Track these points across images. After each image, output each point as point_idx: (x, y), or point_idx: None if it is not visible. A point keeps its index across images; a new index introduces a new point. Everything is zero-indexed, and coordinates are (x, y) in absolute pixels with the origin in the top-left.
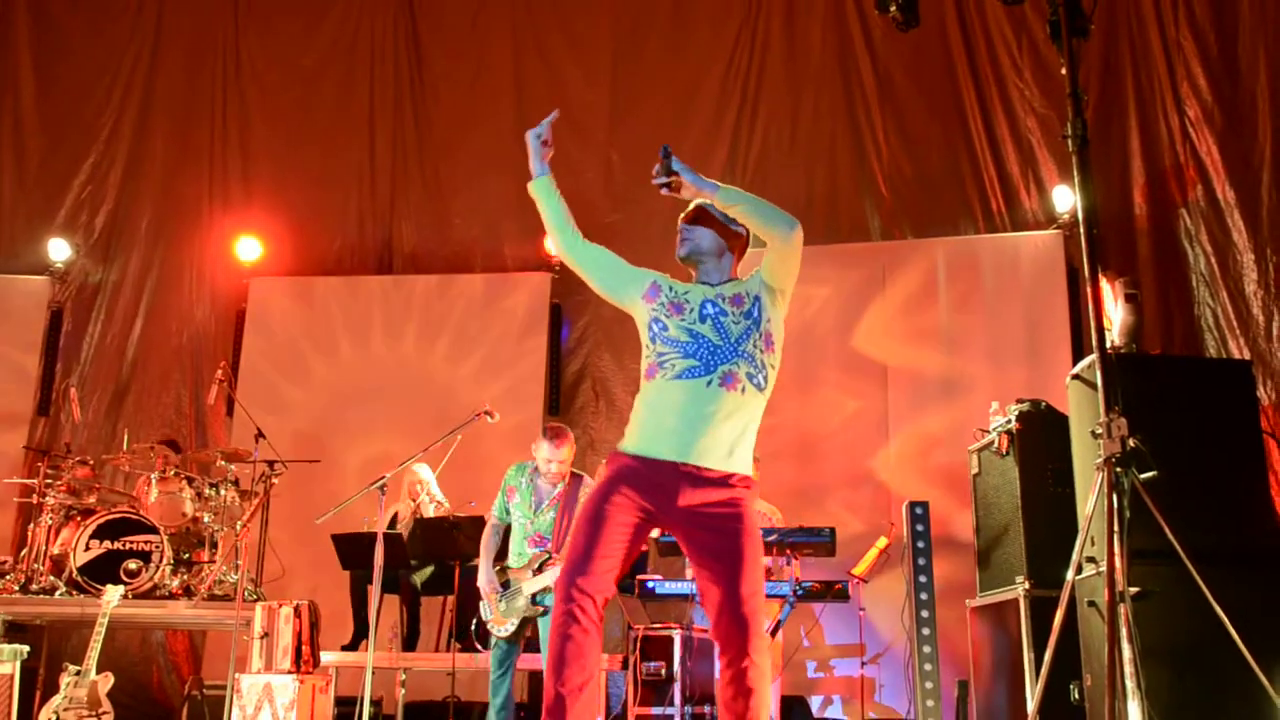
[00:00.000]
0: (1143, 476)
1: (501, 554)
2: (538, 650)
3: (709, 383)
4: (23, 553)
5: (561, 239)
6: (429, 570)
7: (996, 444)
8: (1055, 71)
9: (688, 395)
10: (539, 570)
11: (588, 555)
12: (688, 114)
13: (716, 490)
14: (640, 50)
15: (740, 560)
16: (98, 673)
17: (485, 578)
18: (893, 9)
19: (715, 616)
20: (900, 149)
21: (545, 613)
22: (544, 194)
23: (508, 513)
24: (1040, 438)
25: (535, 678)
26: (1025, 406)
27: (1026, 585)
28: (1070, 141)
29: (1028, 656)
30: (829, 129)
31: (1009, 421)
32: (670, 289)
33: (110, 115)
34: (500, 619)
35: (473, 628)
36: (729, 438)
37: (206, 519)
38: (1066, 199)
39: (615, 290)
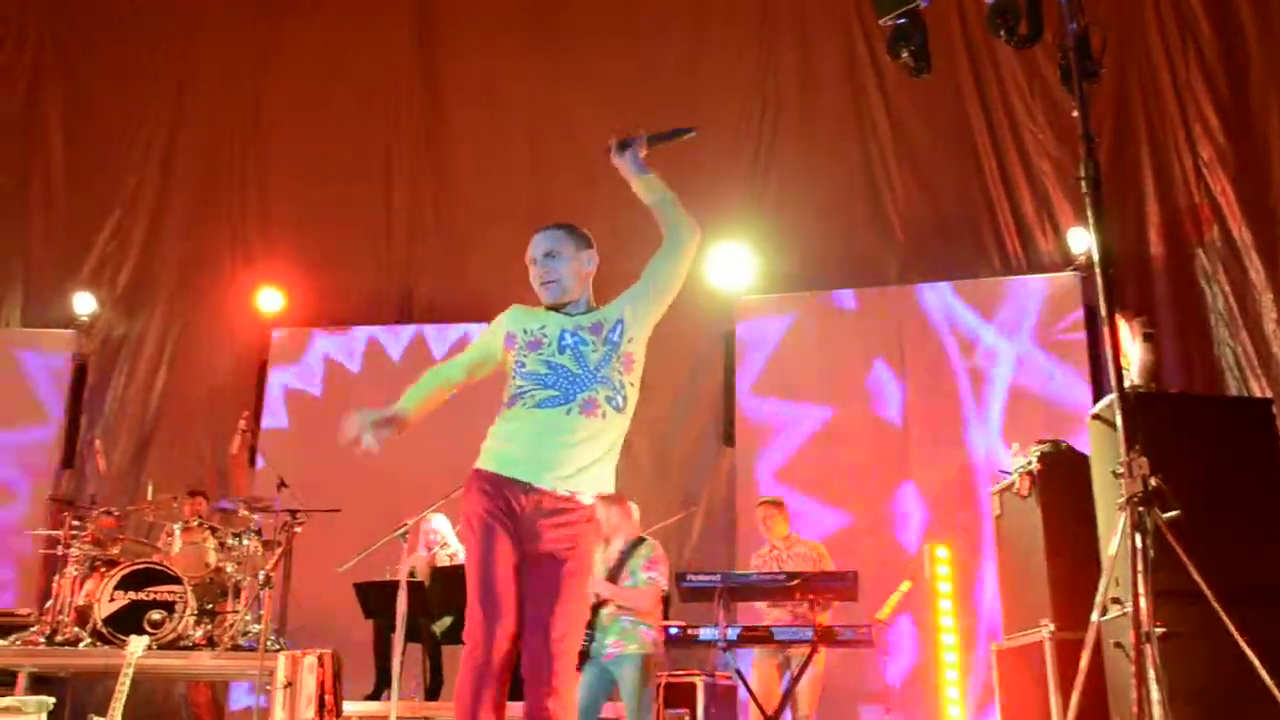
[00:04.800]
0: (1165, 516)
1: None
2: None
3: (568, 411)
4: (48, 604)
5: (448, 394)
6: (448, 620)
7: (1018, 485)
8: (1067, 114)
9: (544, 424)
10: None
11: (489, 591)
12: (702, 160)
13: (556, 518)
14: (656, 97)
15: (556, 599)
16: None
17: None
18: (905, 55)
19: (523, 645)
20: (916, 193)
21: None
22: (415, 404)
23: None
24: (1061, 478)
25: None
26: (1046, 447)
27: (1052, 628)
28: (1083, 183)
29: (1055, 699)
30: (845, 174)
31: (1030, 463)
32: (524, 331)
33: (134, 170)
34: None
35: None
36: (582, 460)
37: (229, 569)
38: (1082, 240)
39: (498, 364)
